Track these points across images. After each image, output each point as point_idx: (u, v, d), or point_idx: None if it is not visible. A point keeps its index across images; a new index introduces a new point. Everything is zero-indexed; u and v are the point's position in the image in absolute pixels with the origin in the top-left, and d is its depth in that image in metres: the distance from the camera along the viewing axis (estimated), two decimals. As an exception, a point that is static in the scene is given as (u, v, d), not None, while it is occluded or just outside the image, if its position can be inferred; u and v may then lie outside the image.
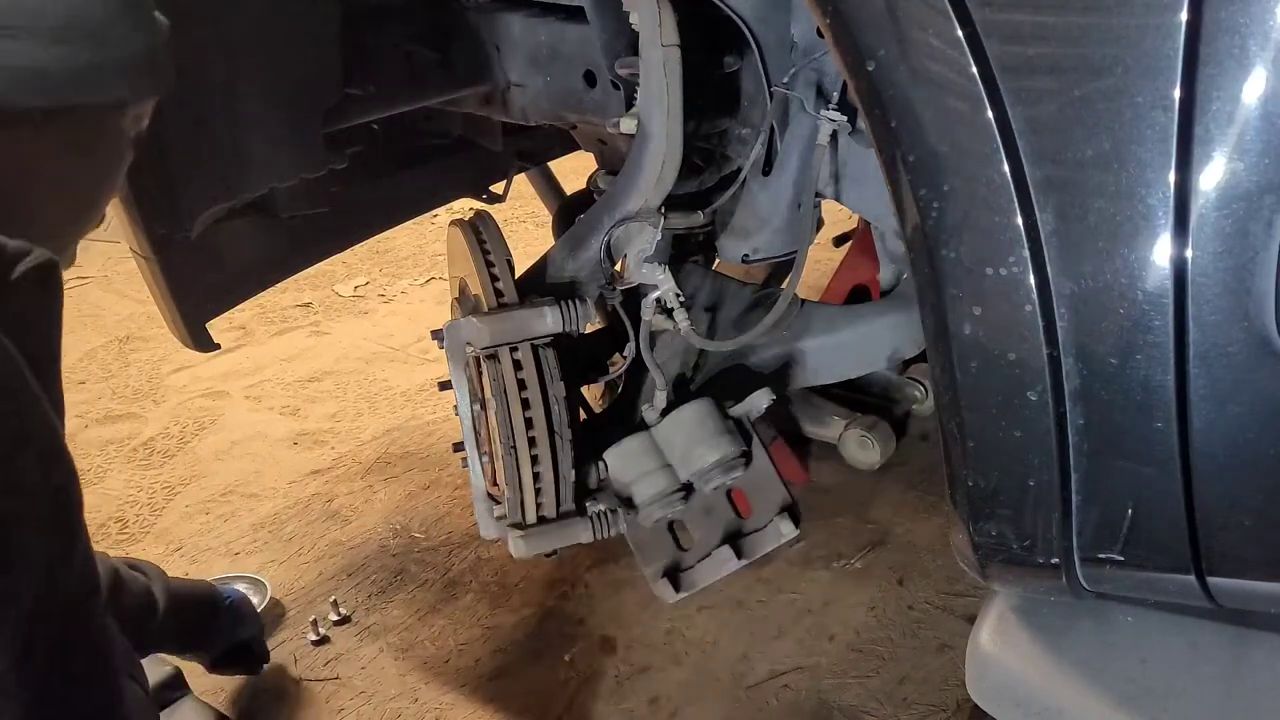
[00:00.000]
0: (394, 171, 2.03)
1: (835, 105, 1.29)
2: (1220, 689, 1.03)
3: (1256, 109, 0.73)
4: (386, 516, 2.43)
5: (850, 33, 0.89)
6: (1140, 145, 0.77)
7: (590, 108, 1.52)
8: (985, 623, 1.14)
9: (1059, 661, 1.08)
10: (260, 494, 2.55)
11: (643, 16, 1.23)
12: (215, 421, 2.92)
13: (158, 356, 3.29)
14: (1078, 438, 0.89)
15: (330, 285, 3.76)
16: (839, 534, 2.25)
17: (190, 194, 1.52)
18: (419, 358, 3.20)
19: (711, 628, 2.00)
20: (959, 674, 1.61)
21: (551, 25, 1.52)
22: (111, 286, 3.85)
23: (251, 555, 2.31)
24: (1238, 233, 0.76)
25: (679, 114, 1.27)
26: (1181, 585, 0.92)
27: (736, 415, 1.48)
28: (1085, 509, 0.92)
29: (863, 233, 2.61)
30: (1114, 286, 0.82)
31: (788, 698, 1.83)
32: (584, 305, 1.38)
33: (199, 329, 1.70)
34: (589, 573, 2.15)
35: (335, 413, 2.92)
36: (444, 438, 2.71)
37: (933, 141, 0.87)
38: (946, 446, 1.00)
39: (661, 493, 1.43)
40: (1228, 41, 0.73)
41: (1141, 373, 0.83)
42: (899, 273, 1.68)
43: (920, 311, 0.95)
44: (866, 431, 2.39)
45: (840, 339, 1.58)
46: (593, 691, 1.87)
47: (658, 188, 1.33)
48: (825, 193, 1.45)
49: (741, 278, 1.74)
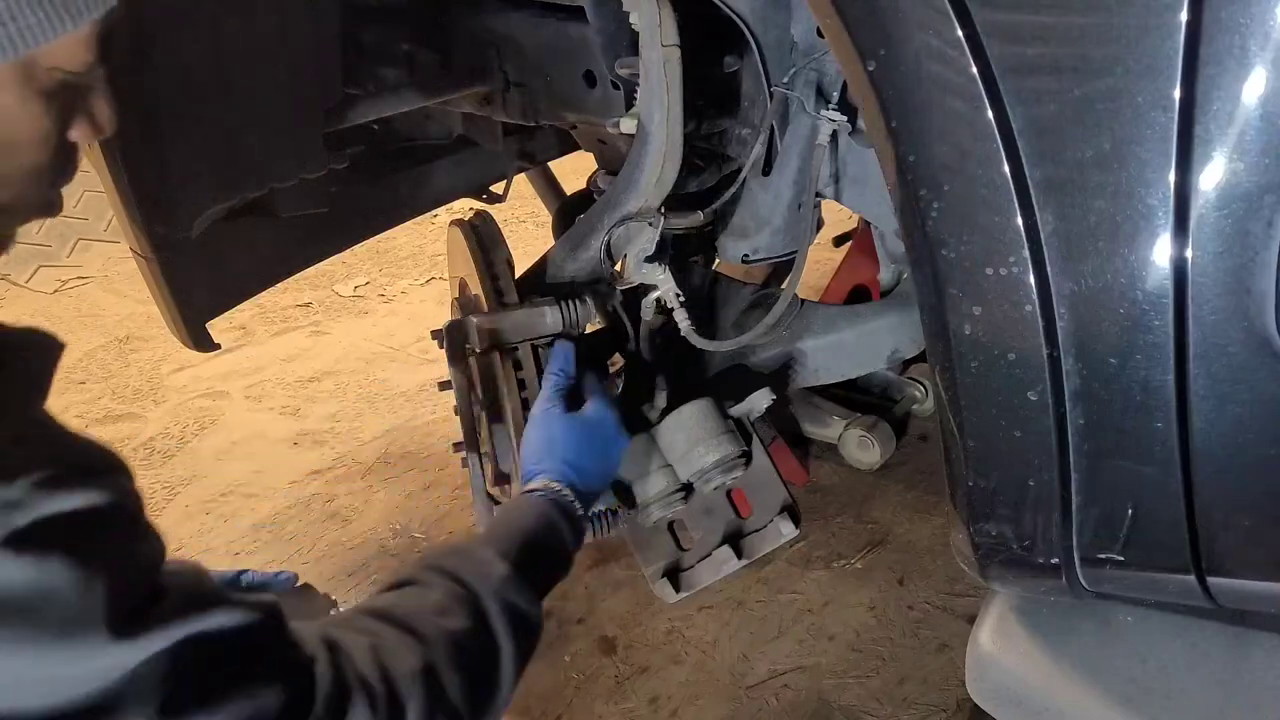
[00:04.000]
0: (394, 171, 2.03)
1: (835, 105, 1.29)
2: (1220, 689, 1.03)
3: (1256, 109, 0.73)
4: (386, 516, 2.43)
5: (850, 33, 0.89)
6: (1140, 145, 0.77)
7: (590, 108, 1.51)
8: (985, 623, 1.14)
9: (1059, 661, 1.08)
10: (260, 494, 2.55)
11: (643, 16, 1.23)
12: (215, 421, 2.92)
13: (158, 356, 3.29)
14: (1078, 438, 0.89)
15: (330, 285, 3.77)
16: (839, 534, 2.25)
17: (190, 194, 1.51)
18: (419, 358, 3.20)
19: (711, 628, 2.00)
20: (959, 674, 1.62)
21: (551, 25, 1.52)
22: (111, 286, 3.85)
23: (252, 555, 2.31)
24: (1238, 233, 0.76)
25: (679, 114, 1.27)
26: (1181, 585, 0.92)
27: (736, 415, 1.48)
28: (1085, 509, 0.92)
29: (863, 233, 2.61)
30: (1114, 286, 0.82)
31: (788, 698, 1.83)
32: (584, 305, 1.37)
33: (199, 329, 1.70)
34: (589, 573, 2.15)
35: (335, 413, 2.93)
36: (444, 438, 2.71)
37: (933, 142, 0.87)
38: (946, 446, 1.00)
39: (661, 493, 1.43)
40: (1228, 41, 0.73)
41: (1141, 373, 0.83)
42: (899, 273, 1.69)
43: (920, 311, 0.95)
44: (866, 431, 2.39)
45: (840, 339, 1.58)
46: (593, 691, 1.87)
47: (658, 188, 1.33)
48: (825, 193, 1.45)
49: (741, 278, 1.74)
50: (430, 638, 0.89)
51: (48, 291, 3.80)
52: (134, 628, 0.71)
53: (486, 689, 0.92)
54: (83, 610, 0.69)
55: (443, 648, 0.89)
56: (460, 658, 0.90)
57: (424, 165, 2.07)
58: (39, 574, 0.67)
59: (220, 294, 1.77)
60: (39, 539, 0.68)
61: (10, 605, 0.66)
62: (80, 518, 0.71)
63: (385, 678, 0.84)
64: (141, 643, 0.71)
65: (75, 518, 0.71)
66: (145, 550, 0.77)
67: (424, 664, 0.86)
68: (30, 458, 0.70)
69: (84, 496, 0.71)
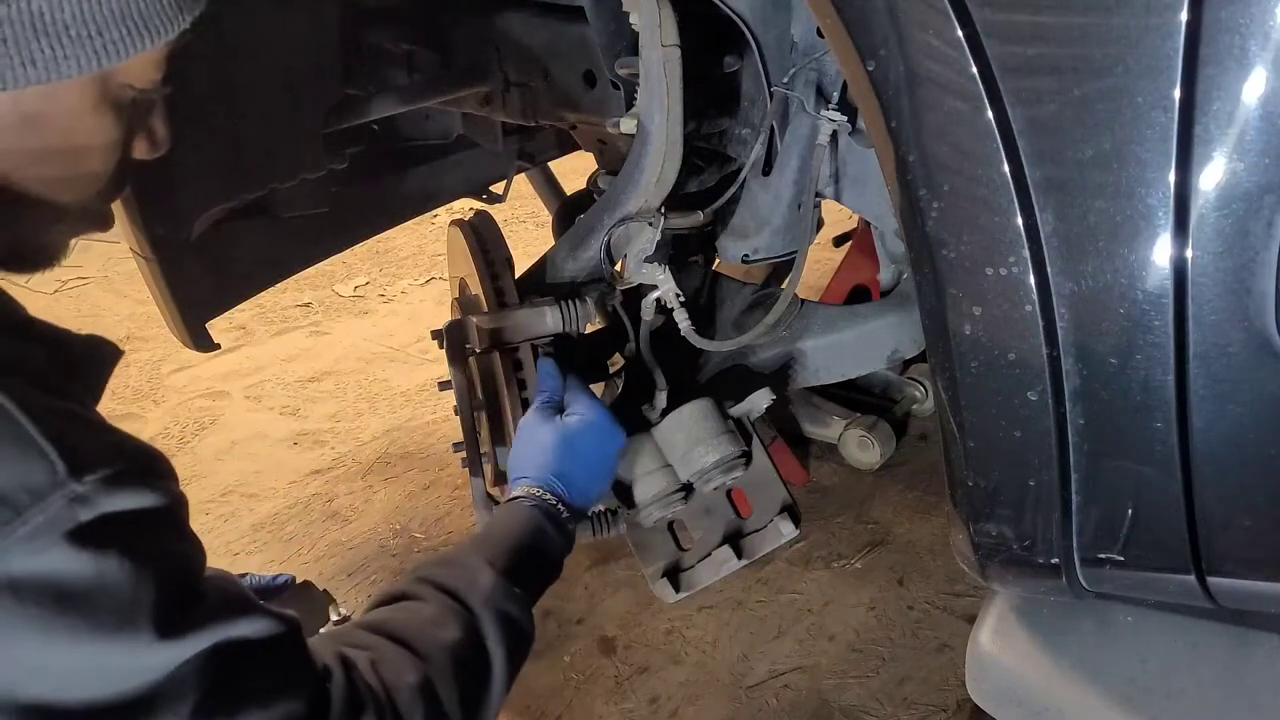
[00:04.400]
0: (394, 171, 2.03)
1: (835, 105, 1.28)
2: (1220, 689, 1.03)
3: (1256, 109, 0.73)
4: (386, 516, 2.43)
5: (850, 33, 0.89)
6: (1140, 145, 0.77)
7: (590, 108, 1.51)
8: (985, 623, 1.14)
9: (1059, 661, 1.08)
10: (260, 494, 2.55)
11: (643, 16, 1.23)
12: (215, 421, 2.92)
13: (158, 356, 3.29)
14: (1078, 438, 0.89)
15: (330, 285, 3.77)
16: (839, 534, 2.25)
17: (190, 194, 1.52)
18: (419, 358, 3.20)
19: (711, 628, 2.00)
20: (959, 674, 1.62)
21: (551, 25, 1.52)
22: (111, 286, 3.85)
23: (252, 555, 2.31)
24: (1238, 233, 0.76)
25: (679, 114, 1.27)
26: (1181, 585, 0.92)
27: (736, 415, 1.48)
28: (1085, 509, 0.92)
29: (863, 233, 2.61)
30: (1114, 286, 0.82)
31: (788, 698, 1.83)
32: (584, 305, 1.37)
33: (199, 329, 1.70)
34: (589, 573, 2.15)
35: (335, 413, 2.93)
36: (444, 438, 2.71)
37: (933, 142, 0.86)
38: (946, 446, 1.00)
39: (661, 493, 1.43)
40: (1228, 41, 0.73)
41: (1141, 373, 0.83)
42: (899, 273, 1.68)
43: (920, 311, 0.95)
44: (866, 431, 2.39)
45: (840, 339, 1.58)
46: (592, 691, 1.87)
47: (658, 188, 1.33)
48: (825, 193, 1.45)
49: (741, 278, 1.74)
50: (426, 652, 0.90)
51: (48, 292, 3.80)
52: (178, 628, 0.73)
53: (480, 697, 0.94)
54: (134, 607, 0.71)
55: (439, 660, 0.90)
56: (455, 669, 0.91)
57: (424, 165, 2.07)
58: (99, 568, 0.69)
59: (220, 294, 1.77)
60: (100, 535, 0.70)
61: (70, 597, 0.68)
62: (138, 517, 0.73)
63: (388, 691, 0.86)
64: (184, 643, 0.73)
65: (134, 516, 0.73)
66: (191, 553, 0.80)
67: (422, 678, 0.88)
68: (97, 456, 0.72)
69: (143, 497, 0.74)
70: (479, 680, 0.94)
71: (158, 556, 0.73)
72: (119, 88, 0.84)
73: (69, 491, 0.68)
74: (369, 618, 0.96)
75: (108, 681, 0.70)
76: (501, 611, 0.98)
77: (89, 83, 0.81)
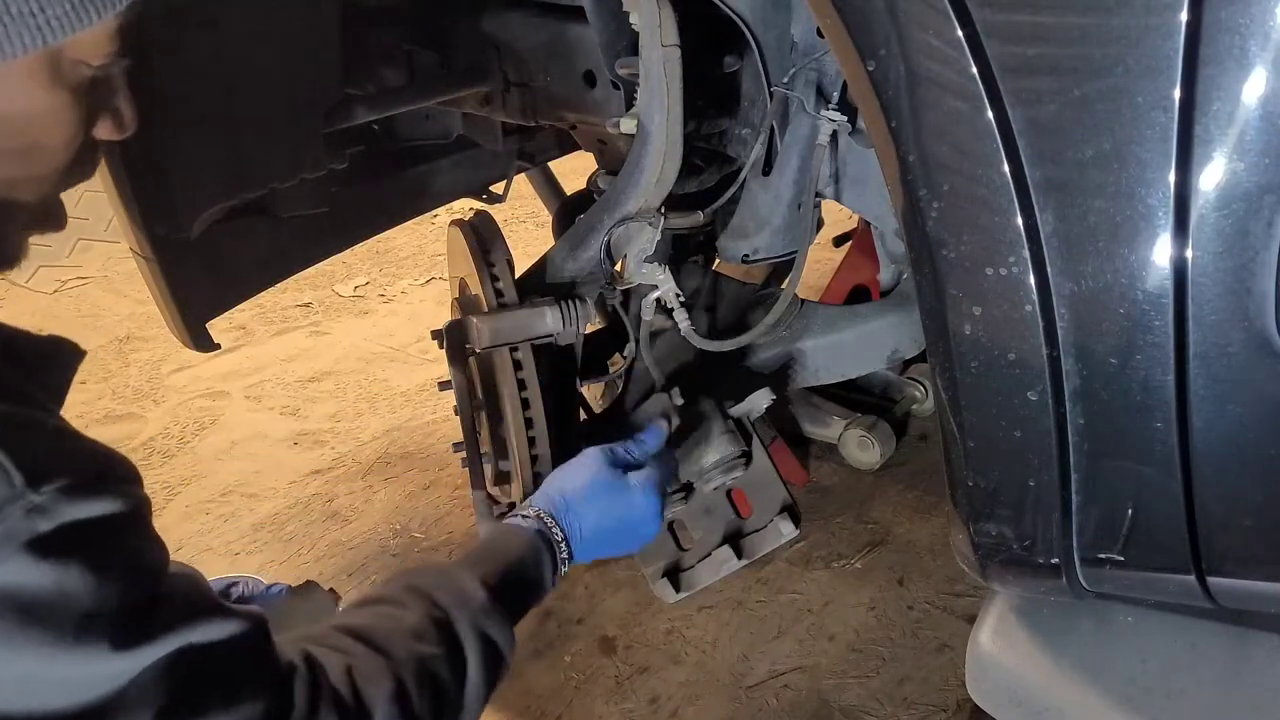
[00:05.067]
0: (394, 171, 2.03)
1: (835, 105, 1.28)
2: (1220, 689, 1.03)
3: (1256, 109, 0.73)
4: (386, 516, 2.43)
5: (850, 33, 0.89)
6: (1140, 145, 0.77)
7: (590, 108, 1.51)
8: (985, 623, 1.14)
9: (1059, 661, 1.08)
10: (260, 494, 2.55)
11: (643, 16, 1.23)
12: (215, 421, 2.92)
13: (158, 356, 3.29)
14: (1078, 438, 0.89)
15: (330, 285, 3.77)
16: (839, 534, 2.25)
17: (190, 194, 1.51)
18: (419, 358, 3.20)
19: (711, 628, 2.00)
20: (959, 674, 1.62)
21: (551, 25, 1.52)
22: (111, 286, 3.85)
23: (252, 555, 2.31)
24: (1238, 233, 0.76)
25: (679, 114, 1.27)
26: (1181, 585, 0.92)
27: (736, 415, 1.48)
28: (1085, 509, 0.92)
29: (863, 233, 2.61)
30: (1114, 286, 0.82)
31: (788, 698, 1.84)
32: (584, 305, 1.37)
33: (199, 329, 1.70)
34: (589, 573, 2.15)
35: (335, 413, 2.93)
36: (444, 438, 2.71)
37: (933, 142, 0.86)
38: (946, 446, 1.00)
39: (661, 493, 1.43)
40: (1228, 41, 0.73)
41: (1141, 373, 0.83)
42: (899, 273, 1.68)
43: (920, 311, 0.95)
44: (866, 431, 2.39)
45: (840, 339, 1.58)
46: (593, 691, 1.87)
47: (658, 188, 1.33)
48: (825, 193, 1.45)
49: (741, 278, 1.74)
50: (403, 661, 0.90)
51: (48, 292, 3.80)
52: (139, 636, 0.72)
53: (452, 714, 0.94)
54: (95, 616, 0.70)
55: (414, 671, 0.90)
56: (430, 681, 0.91)
57: (424, 165, 2.07)
58: (59, 579, 0.68)
59: (220, 294, 1.77)
60: (61, 545, 0.69)
61: (30, 608, 0.67)
62: (99, 525, 0.72)
63: (358, 696, 0.85)
64: (146, 649, 0.72)
65: (95, 524, 0.72)
66: (154, 557, 0.79)
67: (395, 686, 0.87)
68: (54, 464, 0.71)
69: (103, 504, 0.73)
70: (453, 696, 0.94)
71: (119, 564, 0.72)
72: (71, 65, 0.80)
73: (27, 503, 0.67)
74: (350, 621, 0.95)
75: (69, 691, 0.69)
76: (484, 633, 0.98)
77: (37, 61, 0.77)
